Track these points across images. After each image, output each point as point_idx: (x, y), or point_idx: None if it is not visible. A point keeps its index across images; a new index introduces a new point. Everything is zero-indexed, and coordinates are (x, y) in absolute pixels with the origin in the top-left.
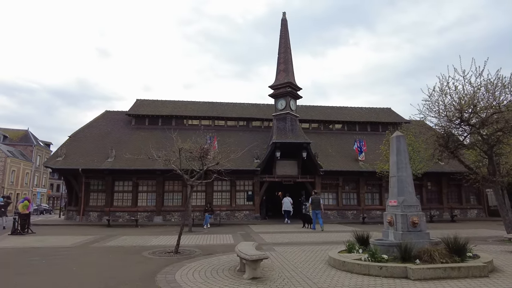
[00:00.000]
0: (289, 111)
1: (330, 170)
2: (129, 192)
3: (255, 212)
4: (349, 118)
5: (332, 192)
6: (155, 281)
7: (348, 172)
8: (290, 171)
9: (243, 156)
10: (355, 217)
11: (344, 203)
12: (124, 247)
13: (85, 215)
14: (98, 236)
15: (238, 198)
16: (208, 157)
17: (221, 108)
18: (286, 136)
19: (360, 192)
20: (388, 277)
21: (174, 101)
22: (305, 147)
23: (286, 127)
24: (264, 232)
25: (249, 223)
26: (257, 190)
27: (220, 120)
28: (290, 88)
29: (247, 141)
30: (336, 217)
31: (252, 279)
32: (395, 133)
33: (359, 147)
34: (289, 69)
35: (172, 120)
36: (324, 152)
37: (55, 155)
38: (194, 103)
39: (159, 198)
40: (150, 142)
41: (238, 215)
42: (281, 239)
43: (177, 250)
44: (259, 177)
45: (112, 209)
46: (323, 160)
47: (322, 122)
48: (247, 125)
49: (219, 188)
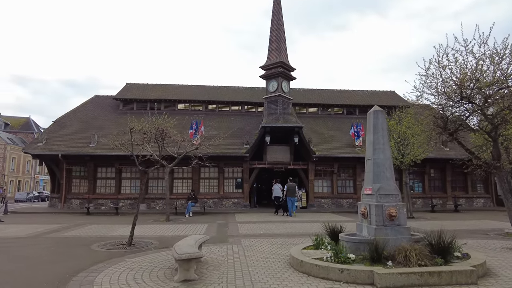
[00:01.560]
0: (281, 93)
1: (325, 156)
2: (112, 179)
3: (244, 200)
4: (349, 102)
5: (327, 180)
6: (66, 285)
7: (344, 158)
8: (281, 157)
9: (232, 141)
10: (351, 206)
11: (340, 191)
12: (80, 237)
13: (66, 202)
14: (66, 224)
15: (227, 186)
16: (171, 138)
17: (213, 92)
18: (277, 120)
19: (357, 179)
20: (350, 283)
21: (165, 84)
22: (297, 131)
23: (277, 110)
24: (245, 222)
25: (236, 211)
26: (246, 177)
27: (212, 104)
28: (282, 68)
29: (239, 127)
30: (330, 206)
31: (183, 281)
32: (372, 108)
33: (356, 131)
34: (282, 48)
35: (161, 104)
36: (320, 138)
37: (36, 141)
38: (186, 87)
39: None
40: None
41: (226, 203)
42: (257, 230)
43: (131, 242)
44: (248, 163)
45: (94, 197)
46: (318, 146)
47: (320, 106)
48: (241, 110)
49: (206, 175)
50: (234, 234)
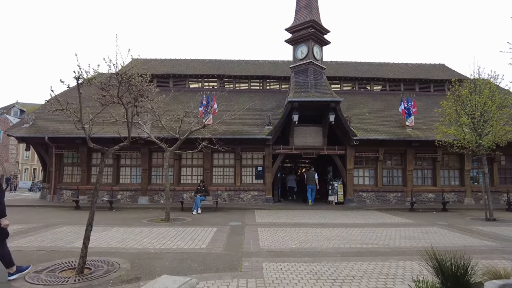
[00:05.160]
0: (312, 59)
1: (368, 139)
2: (109, 167)
3: (266, 193)
4: (392, 75)
5: (369, 169)
6: None
7: (392, 142)
8: (312, 140)
9: (251, 121)
10: (399, 202)
11: (385, 182)
12: (24, 251)
13: (57, 194)
14: (35, 224)
15: (245, 175)
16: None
17: (230, 66)
18: (308, 93)
19: (407, 168)
20: None
21: (174, 59)
22: (333, 107)
23: (307, 81)
24: (268, 224)
25: (256, 207)
26: (268, 165)
27: (228, 79)
28: (313, 29)
29: (260, 105)
30: (374, 201)
31: None
32: None
33: (407, 108)
34: (313, 5)
35: (170, 80)
36: (359, 117)
37: (21, 122)
38: (198, 61)
39: (145, 174)
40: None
41: (244, 197)
42: (286, 241)
43: (83, 267)
44: (271, 148)
45: (87, 188)
46: (357, 127)
47: (358, 80)
48: (262, 87)
49: (220, 162)
50: (253, 249)
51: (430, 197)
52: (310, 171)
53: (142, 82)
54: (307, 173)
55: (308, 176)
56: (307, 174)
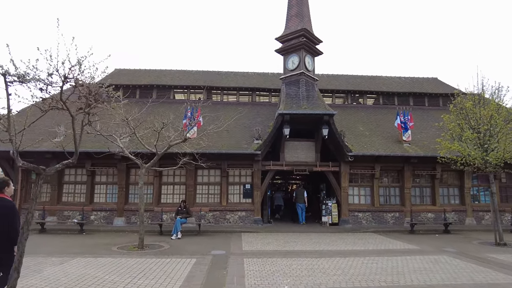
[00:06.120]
0: (304, 70)
1: (363, 154)
2: (82, 184)
3: (255, 214)
4: (385, 89)
5: (365, 187)
6: None
7: (389, 158)
8: (304, 156)
9: (239, 135)
10: (397, 222)
11: (382, 201)
12: None
13: (23, 214)
14: None
15: (232, 194)
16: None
17: (217, 78)
18: (299, 105)
19: (405, 186)
20: None
21: (159, 70)
22: (327, 121)
23: (299, 93)
24: (256, 252)
25: (244, 229)
26: (257, 183)
27: (216, 91)
28: (305, 39)
29: (249, 118)
30: (370, 222)
31: None
32: None
33: (403, 122)
34: (304, 13)
35: (153, 91)
36: (353, 131)
37: None
38: (184, 72)
39: (122, 193)
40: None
41: (230, 218)
42: (278, 278)
43: None
44: (260, 164)
45: (57, 208)
46: (352, 141)
47: (350, 93)
48: (251, 99)
49: (205, 179)
50: None
51: (430, 217)
52: (299, 189)
53: (99, 84)
54: (296, 191)
55: (297, 194)
56: (296, 192)
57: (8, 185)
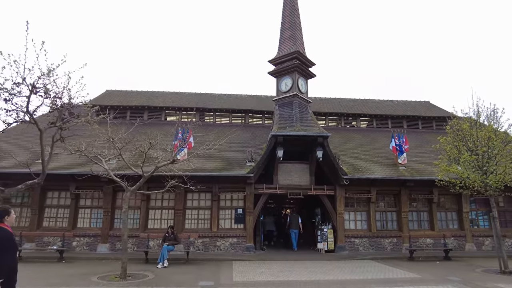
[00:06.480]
0: (297, 92)
1: (359, 178)
2: (65, 208)
3: (247, 240)
4: (378, 112)
5: (361, 211)
6: None
7: (385, 181)
8: (298, 179)
9: (231, 157)
10: (395, 248)
11: (379, 226)
12: None
13: None
14: None
15: (223, 219)
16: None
17: (210, 100)
18: (293, 127)
19: (402, 210)
20: None
21: (151, 91)
22: (321, 143)
23: (292, 115)
24: (248, 284)
25: (235, 257)
26: (250, 207)
27: (208, 112)
28: (298, 61)
29: (241, 139)
30: (367, 248)
31: None
32: None
33: (398, 145)
34: (297, 37)
35: (144, 112)
36: (348, 154)
37: None
38: (176, 94)
39: (107, 217)
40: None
41: (221, 245)
42: None
43: None
44: (253, 187)
45: (36, 234)
46: (346, 164)
47: (343, 116)
48: (245, 121)
49: (195, 203)
50: None
51: (429, 243)
52: (294, 214)
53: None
54: (290, 216)
55: (291, 220)
56: (290, 218)
57: (9, 214)
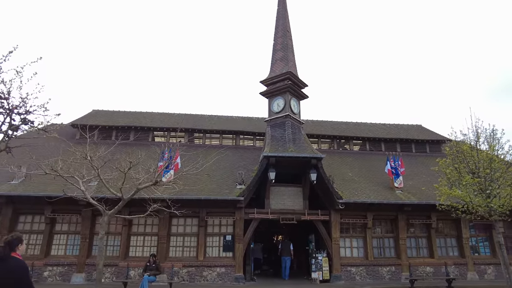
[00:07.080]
0: (290, 113)
1: (355, 202)
2: (39, 234)
3: (236, 270)
4: (371, 135)
5: (358, 238)
6: None
7: (381, 206)
8: (291, 203)
9: (220, 179)
10: (394, 277)
11: (376, 254)
12: None
13: None
14: None
15: (210, 247)
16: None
17: (200, 121)
18: (285, 148)
19: (400, 237)
20: None
21: (138, 112)
22: (314, 164)
23: (285, 136)
24: None
25: None
26: (239, 233)
27: (198, 133)
28: (290, 82)
29: (231, 161)
30: (364, 278)
31: None
32: None
33: (393, 168)
34: (289, 58)
35: (131, 132)
36: (342, 177)
37: None
38: (165, 115)
39: (84, 244)
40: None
41: (208, 275)
42: None
43: None
44: (243, 212)
45: None
46: (341, 188)
47: (336, 138)
48: (235, 142)
49: (180, 230)
50: None
51: (429, 272)
52: (285, 241)
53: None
54: (282, 243)
55: (283, 247)
56: (282, 245)
57: (22, 242)
